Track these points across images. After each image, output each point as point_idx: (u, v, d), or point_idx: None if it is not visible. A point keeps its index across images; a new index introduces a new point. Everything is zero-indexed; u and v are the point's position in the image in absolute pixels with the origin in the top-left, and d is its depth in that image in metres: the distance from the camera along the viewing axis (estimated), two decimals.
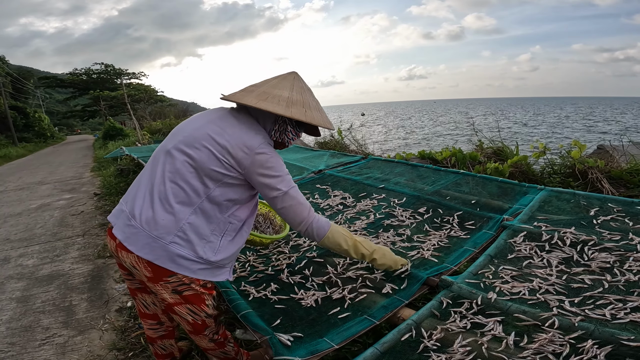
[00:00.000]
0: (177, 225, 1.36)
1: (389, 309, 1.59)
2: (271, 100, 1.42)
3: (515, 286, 1.59)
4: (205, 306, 1.50)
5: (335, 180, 3.50)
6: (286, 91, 1.47)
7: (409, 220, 2.45)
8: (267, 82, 1.51)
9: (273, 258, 2.19)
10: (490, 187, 2.77)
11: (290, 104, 1.43)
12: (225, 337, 1.64)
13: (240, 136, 1.40)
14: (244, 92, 1.47)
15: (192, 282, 1.43)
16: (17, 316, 2.69)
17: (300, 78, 1.56)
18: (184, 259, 1.37)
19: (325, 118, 1.55)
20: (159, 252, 1.36)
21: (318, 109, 1.53)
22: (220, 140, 1.39)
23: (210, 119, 1.47)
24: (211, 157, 1.38)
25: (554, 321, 1.35)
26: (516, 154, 4.61)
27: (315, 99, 1.57)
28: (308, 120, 1.43)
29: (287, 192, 1.45)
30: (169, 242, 1.35)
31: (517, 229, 2.05)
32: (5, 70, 30.89)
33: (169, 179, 1.40)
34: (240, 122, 1.45)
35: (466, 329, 1.40)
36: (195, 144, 1.40)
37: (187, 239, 1.37)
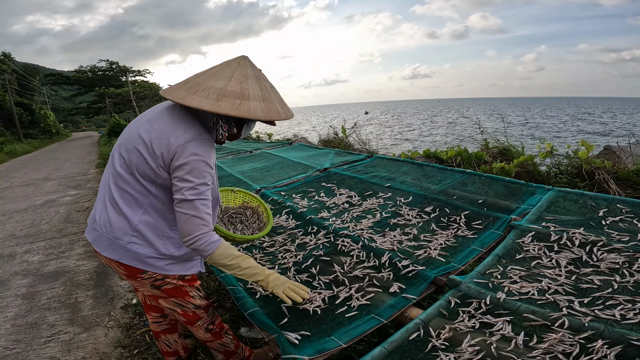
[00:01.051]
0: (131, 226, 1.36)
1: (397, 308, 1.58)
2: (200, 93, 1.27)
3: (524, 286, 1.58)
4: (191, 297, 1.51)
5: (340, 179, 3.49)
6: (222, 81, 1.31)
7: (415, 220, 2.44)
8: (208, 71, 1.36)
9: (279, 256, 2.18)
10: (497, 187, 2.76)
11: (221, 96, 1.27)
12: (221, 328, 1.65)
13: (166, 132, 1.30)
14: (178, 85, 1.34)
15: (166, 277, 1.43)
16: (22, 313, 2.71)
17: (247, 63, 1.39)
18: (147, 258, 1.38)
19: (271, 107, 1.34)
20: (121, 252, 1.37)
21: (263, 98, 1.34)
22: (147, 139, 1.31)
23: (147, 118, 1.39)
24: (140, 159, 1.31)
25: (563, 321, 1.34)
26: (522, 153, 4.59)
27: (265, 86, 1.38)
28: (241, 114, 1.26)
29: (191, 201, 1.29)
30: (127, 242, 1.36)
31: (525, 229, 2.04)
32: (12, 67, 31.04)
33: (114, 182, 1.39)
34: (173, 118, 1.34)
35: (475, 329, 1.40)
36: (129, 145, 1.35)
37: (144, 237, 1.37)
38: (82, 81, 40.35)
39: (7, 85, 26.36)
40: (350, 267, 1.97)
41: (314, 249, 2.21)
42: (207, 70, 1.37)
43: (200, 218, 1.30)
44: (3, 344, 2.33)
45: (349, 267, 1.96)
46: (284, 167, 4.31)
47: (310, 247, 2.25)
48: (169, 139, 1.28)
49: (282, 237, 2.44)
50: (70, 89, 48.18)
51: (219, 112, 1.24)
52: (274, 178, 3.85)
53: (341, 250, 2.15)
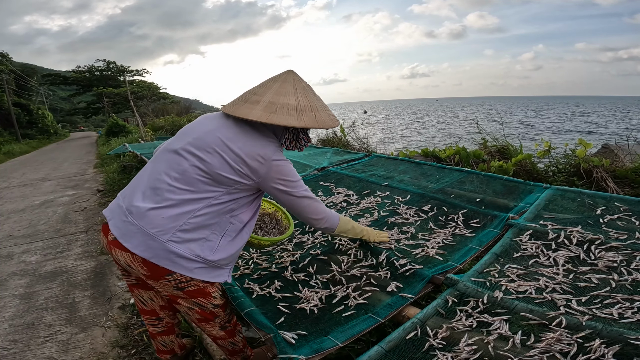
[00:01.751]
0: (177, 224, 1.34)
1: (394, 307, 1.58)
2: (280, 111, 1.39)
3: (522, 285, 1.58)
4: (212, 298, 1.49)
5: (338, 178, 3.48)
6: (292, 97, 1.44)
7: (413, 218, 2.44)
8: (269, 88, 1.46)
9: (277, 255, 2.18)
10: (495, 185, 2.75)
11: (300, 112, 1.42)
12: (235, 325, 1.65)
13: (254, 145, 1.40)
14: (249, 105, 1.42)
15: (191, 279, 1.41)
16: (20, 313, 2.69)
17: (299, 77, 1.53)
18: (180, 258, 1.35)
19: (332, 115, 1.53)
20: (155, 250, 1.33)
21: (324, 108, 1.51)
22: (234, 147, 1.38)
23: (222, 124, 1.45)
24: (223, 164, 1.37)
25: (561, 320, 1.33)
26: (520, 152, 4.59)
27: (317, 96, 1.54)
28: (320, 126, 1.45)
29: (305, 196, 1.52)
30: (166, 240, 1.33)
31: (523, 228, 2.04)
32: (9, 68, 30.95)
33: (174, 178, 1.38)
34: (253, 130, 1.44)
35: (472, 328, 1.39)
36: (207, 147, 1.39)
37: (185, 238, 1.35)
38: (80, 81, 40.29)
39: (5, 86, 26.30)
40: (347, 266, 1.96)
41: (311, 248, 2.21)
42: (267, 87, 1.47)
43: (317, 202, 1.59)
44: (0, 344, 2.32)
45: (346, 266, 1.96)
46: None
47: (308, 246, 2.24)
48: (258, 150, 1.40)
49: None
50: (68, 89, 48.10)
51: (305, 127, 1.42)
52: None
53: (338, 249, 2.15)
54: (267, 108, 1.39)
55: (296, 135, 1.52)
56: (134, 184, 1.49)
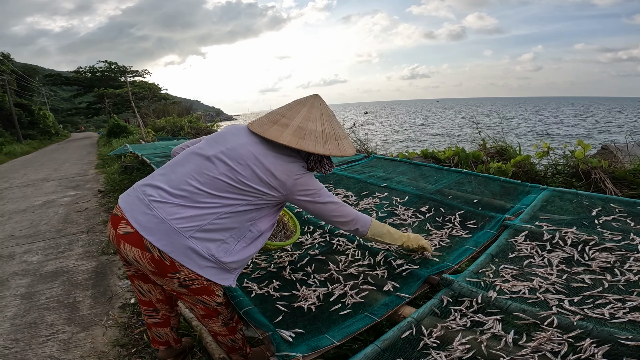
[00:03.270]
0: (201, 223, 1.39)
1: (390, 307, 1.60)
2: (308, 137, 1.49)
3: (516, 285, 1.60)
4: (216, 296, 1.53)
5: (337, 179, 3.51)
6: (319, 124, 1.54)
7: (411, 219, 2.46)
8: (297, 112, 1.56)
9: (275, 255, 2.20)
10: (493, 187, 2.78)
11: (325, 139, 1.52)
12: (237, 322, 1.68)
13: (283, 163, 1.49)
14: (278, 127, 1.51)
15: (196, 278, 1.44)
16: (21, 312, 2.72)
17: (325, 103, 1.63)
18: (196, 254, 1.39)
19: (351, 144, 1.63)
20: (176, 245, 1.37)
21: (345, 136, 1.62)
22: (265, 162, 1.46)
23: (253, 140, 1.52)
24: (254, 176, 1.45)
25: (553, 320, 1.36)
26: (519, 153, 4.60)
27: (339, 124, 1.64)
28: (342, 154, 1.54)
29: (329, 201, 1.58)
30: (189, 236, 1.38)
31: (519, 229, 2.06)
32: (11, 68, 31.03)
33: (203, 183, 1.43)
34: (282, 149, 1.52)
35: (466, 327, 1.41)
36: (239, 159, 1.46)
37: (205, 237, 1.40)
38: (81, 82, 40.37)
39: (7, 86, 26.36)
40: (345, 265, 1.99)
41: (309, 248, 2.23)
42: (295, 110, 1.57)
43: (343, 206, 1.62)
44: (2, 343, 2.34)
45: (344, 266, 1.98)
46: None
47: (306, 246, 2.27)
48: (286, 167, 1.49)
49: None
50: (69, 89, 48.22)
51: (330, 154, 1.52)
52: None
53: (336, 249, 2.17)
54: (296, 133, 1.49)
55: (320, 160, 1.61)
56: (157, 179, 1.50)
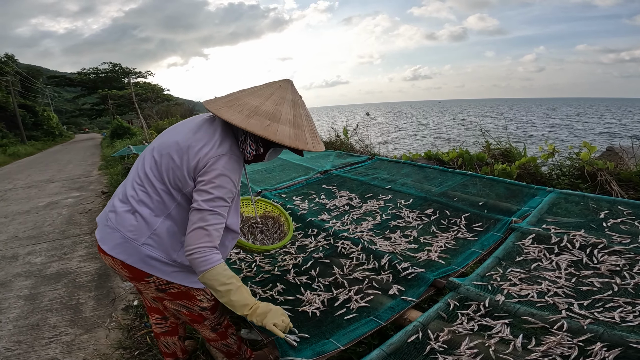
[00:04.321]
0: (150, 228, 1.34)
1: (396, 311, 1.58)
2: (235, 108, 1.29)
3: (524, 289, 1.58)
4: (198, 300, 1.49)
5: (341, 181, 3.49)
6: (259, 99, 1.32)
7: (415, 222, 2.44)
8: (252, 88, 1.40)
9: (279, 258, 2.19)
10: (498, 189, 2.75)
11: (252, 114, 1.27)
12: (227, 328, 1.65)
13: (200, 142, 1.31)
14: (221, 99, 1.37)
15: (170, 282, 1.41)
16: (24, 314, 2.72)
17: (289, 87, 1.40)
18: (155, 261, 1.35)
19: (300, 135, 1.34)
20: (130, 252, 1.33)
21: (294, 124, 1.33)
22: (184, 146, 1.32)
23: (186, 126, 1.40)
24: (173, 165, 1.32)
25: (562, 324, 1.34)
26: (524, 155, 4.57)
27: (301, 113, 1.38)
28: (266, 135, 1.25)
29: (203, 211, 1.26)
30: (141, 243, 1.33)
31: (526, 231, 2.03)
32: (15, 69, 31.18)
33: (139, 183, 1.38)
34: (210, 129, 1.35)
35: (473, 331, 1.40)
36: (163, 151, 1.36)
37: (160, 241, 1.34)
38: (85, 83, 40.56)
39: (11, 87, 26.50)
40: (349, 269, 1.97)
41: (313, 251, 2.22)
42: (252, 88, 1.40)
43: (206, 230, 1.25)
44: (5, 345, 2.34)
45: (348, 270, 1.96)
46: (285, 169, 4.31)
47: (310, 249, 2.25)
48: (202, 150, 1.29)
49: None
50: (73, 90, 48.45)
51: (246, 129, 1.24)
52: (275, 180, 3.85)
53: (341, 253, 2.15)
54: (228, 102, 1.32)
55: (244, 140, 1.37)
56: (119, 189, 1.48)
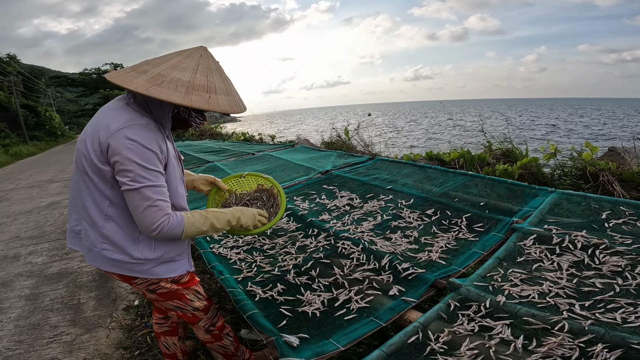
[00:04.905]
0: (99, 232, 1.29)
1: (396, 311, 1.58)
2: (167, 85, 1.21)
3: (525, 289, 1.57)
4: (188, 300, 1.48)
5: (342, 181, 3.49)
6: (188, 73, 1.26)
7: (416, 222, 2.43)
8: (168, 60, 1.28)
9: (280, 259, 2.18)
10: (500, 189, 2.74)
11: (190, 89, 1.23)
12: (221, 329, 1.64)
13: (100, 123, 1.24)
14: (134, 73, 1.24)
15: (160, 281, 1.39)
16: (25, 314, 2.72)
17: (209, 55, 1.36)
18: (123, 263, 1.31)
19: (234, 101, 1.33)
20: (99, 260, 1.32)
21: (226, 91, 1.32)
22: (89, 134, 1.25)
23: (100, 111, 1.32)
24: (87, 158, 1.25)
25: (563, 325, 1.33)
26: (526, 155, 4.56)
27: (226, 79, 1.36)
28: (212, 108, 1.25)
29: (138, 190, 1.20)
30: (100, 249, 1.30)
31: (527, 232, 2.03)
32: (17, 69, 31.27)
33: (77, 188, 1.33)
34: (119, 104, 1.29)
35: (474, 332, 1.39)
36: (78, 149, 1.30)
37: (114, 244, 1.30)
38: (87, 83, 40.62)
39: (13, 87, 26.57)
40: (350, 269, 1.96)
41: (314, 252, 2.21)
42: (167, 59, 1.29)
43: (155, 206, 1.21)
44: (6, 345, 2.34)
45: (348, 270, 1.96)
46: (286, 170, 4.31)
47: (311, 249, 2.25)
48: (101, 130, 1.22)
49: (282, 239, 2.44)
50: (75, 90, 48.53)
51: (191, 106, 1.21)
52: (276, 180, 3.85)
53: (341, 253, 2.15)
54: (153, 79, 1.21)
55: (188, 114, 1.37)
56: None
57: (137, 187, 1.19)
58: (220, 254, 2.29)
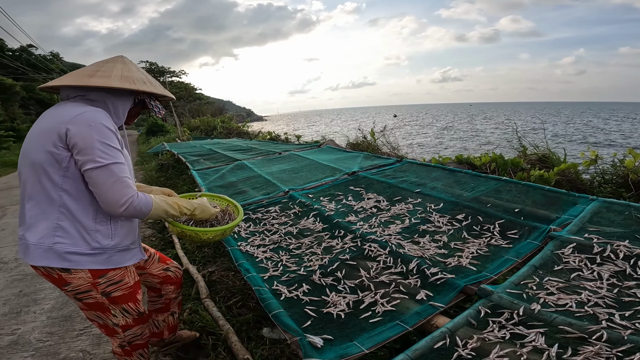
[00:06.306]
0: (52, 223, 1.28)
1: (423, 316, 1.54)
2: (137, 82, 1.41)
3: (562, 298, 1.51)
4: (112, 315, 1.46)
5: (369, 183, 3.45)
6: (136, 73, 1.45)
7: (445, 227, 2.37)
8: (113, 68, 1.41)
9: (305, 258, 2.17)
10: (535, 196, 2.63)
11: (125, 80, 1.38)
12: (135, 348, 1.59)
13: (56, 116, 1.29)
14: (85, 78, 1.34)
15: (91, 290, 1.37)
16: (58, 305, 2.80)
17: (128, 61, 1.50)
18: (77, 255, 1.31)
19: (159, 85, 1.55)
20: (47, 255, 1.29)
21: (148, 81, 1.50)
22: (50, 121, 1.29)
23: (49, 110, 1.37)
24: (39, 152, 1.26)
25: (602, 334, 1.27)
26: (564, 161, 4.37)
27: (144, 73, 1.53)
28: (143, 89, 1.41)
29: (107, 166, 1.24)
30: (52, 243, 1.28)
31: (566, 240, 1.93)
32: (60, 67, 32.79)
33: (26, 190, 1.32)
34: (69, 103, 1.34)
35: (504, 339, 1.34)
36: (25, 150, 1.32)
37: (69, 235, 1.29)
38: None
39: None
40: (376, 272, 1.93)
41: (340, 253, 2.19)
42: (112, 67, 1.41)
43: (122, 182, 1.25)
44: (37, 337, 2.41)
45: (375, 273, 1.93)
46: (312, 170, 4.31)
47: (337, 250, 2.23)
48: (58, 120, 1.26)
49: (308, 239, 2.43)
50: None
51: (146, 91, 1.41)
52: (302, 180, 3.85)
53: (368, 255, 2.12)
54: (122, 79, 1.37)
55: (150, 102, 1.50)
56: None
57: (105, 163, 1.23)
58: (247, 252, 2.31)
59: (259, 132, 14.40)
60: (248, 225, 2.74)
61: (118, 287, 1.43)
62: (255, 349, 1.96)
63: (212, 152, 6.92)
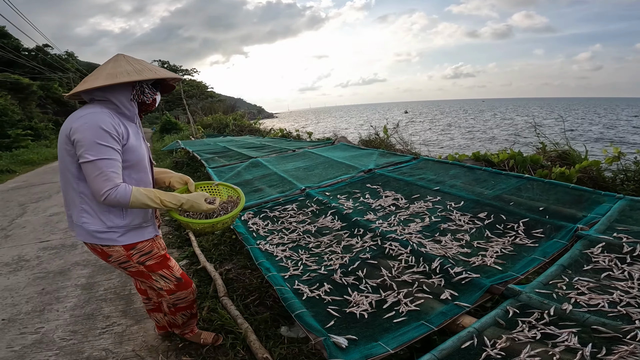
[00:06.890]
0: (78, 206, 1.56)
1: (448, 316, 1.51)
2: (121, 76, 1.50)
3: (594, 298, 1.47)
4: (154, 281, 1.75)
5: (385, 180, 3.42)
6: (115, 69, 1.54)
7: (467, 225, 2.33)
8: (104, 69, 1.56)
9: (325, 257, 2.16)
10: (558, 194, 2.57)
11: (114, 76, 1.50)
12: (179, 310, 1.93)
13: (74, 114, 1.51)
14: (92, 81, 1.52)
15: (128, 261, 1.65)
16: (81, 303, 2.83)
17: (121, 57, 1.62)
18: (99, 233, 1.57)
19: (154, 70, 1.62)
20: (82, 233, 1.58)
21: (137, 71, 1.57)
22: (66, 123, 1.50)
23: None
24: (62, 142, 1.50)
25: (636, 333, 1.24)
26: (585, 158, 4.27)
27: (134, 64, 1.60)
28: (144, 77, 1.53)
29: (92, 162, 1.43)
30: (81, 223, 1.56)
31: (594, 240, 1.89)
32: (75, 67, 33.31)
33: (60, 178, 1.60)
34: (82, 107, 1.54)
35: (535, 339, 1.31)
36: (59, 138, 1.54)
37: (89, 215, 1.56)
38: None
39: (72, 83, 28.32)
40: (398, 271, 1.91)
41: (360, 252, 2.17)
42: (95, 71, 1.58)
43: (102, 175, 1.43)
44: (60, 335, 2.44)
45: (397, 272, 1.90)
46: (327, 167, 4.29)
47: (357, 249, 2.21)
48: (69, 121, 1.48)
49: (327, 238, 2.41)
50: None
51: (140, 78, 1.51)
52: (317, 178, 3.84)
53: (389, 254, 2.09)
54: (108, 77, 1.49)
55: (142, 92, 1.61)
56: None
57: (92, 159, 1.43)
58: (267, 251, 2.30)
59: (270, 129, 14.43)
60: (266, 224, 2.74)
61: (150, 256, 1.71)
62: (273, 348, 1.96)
63: (227, 149, 6.95)
